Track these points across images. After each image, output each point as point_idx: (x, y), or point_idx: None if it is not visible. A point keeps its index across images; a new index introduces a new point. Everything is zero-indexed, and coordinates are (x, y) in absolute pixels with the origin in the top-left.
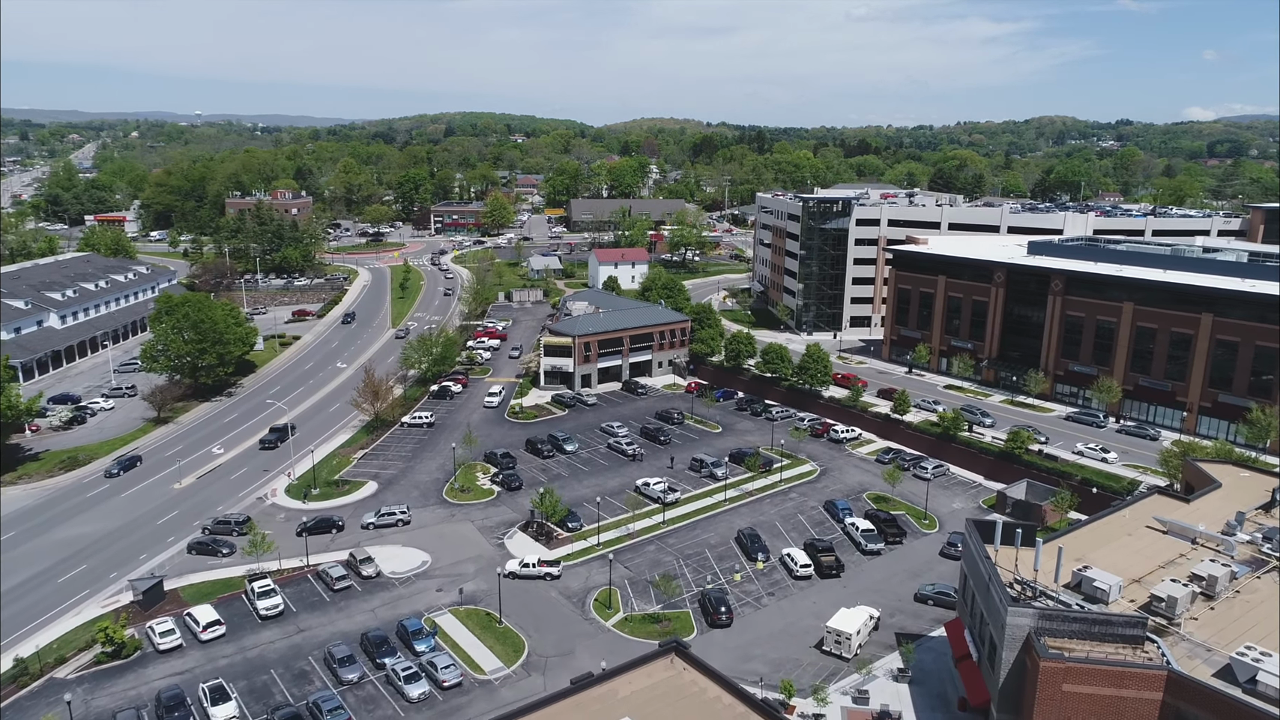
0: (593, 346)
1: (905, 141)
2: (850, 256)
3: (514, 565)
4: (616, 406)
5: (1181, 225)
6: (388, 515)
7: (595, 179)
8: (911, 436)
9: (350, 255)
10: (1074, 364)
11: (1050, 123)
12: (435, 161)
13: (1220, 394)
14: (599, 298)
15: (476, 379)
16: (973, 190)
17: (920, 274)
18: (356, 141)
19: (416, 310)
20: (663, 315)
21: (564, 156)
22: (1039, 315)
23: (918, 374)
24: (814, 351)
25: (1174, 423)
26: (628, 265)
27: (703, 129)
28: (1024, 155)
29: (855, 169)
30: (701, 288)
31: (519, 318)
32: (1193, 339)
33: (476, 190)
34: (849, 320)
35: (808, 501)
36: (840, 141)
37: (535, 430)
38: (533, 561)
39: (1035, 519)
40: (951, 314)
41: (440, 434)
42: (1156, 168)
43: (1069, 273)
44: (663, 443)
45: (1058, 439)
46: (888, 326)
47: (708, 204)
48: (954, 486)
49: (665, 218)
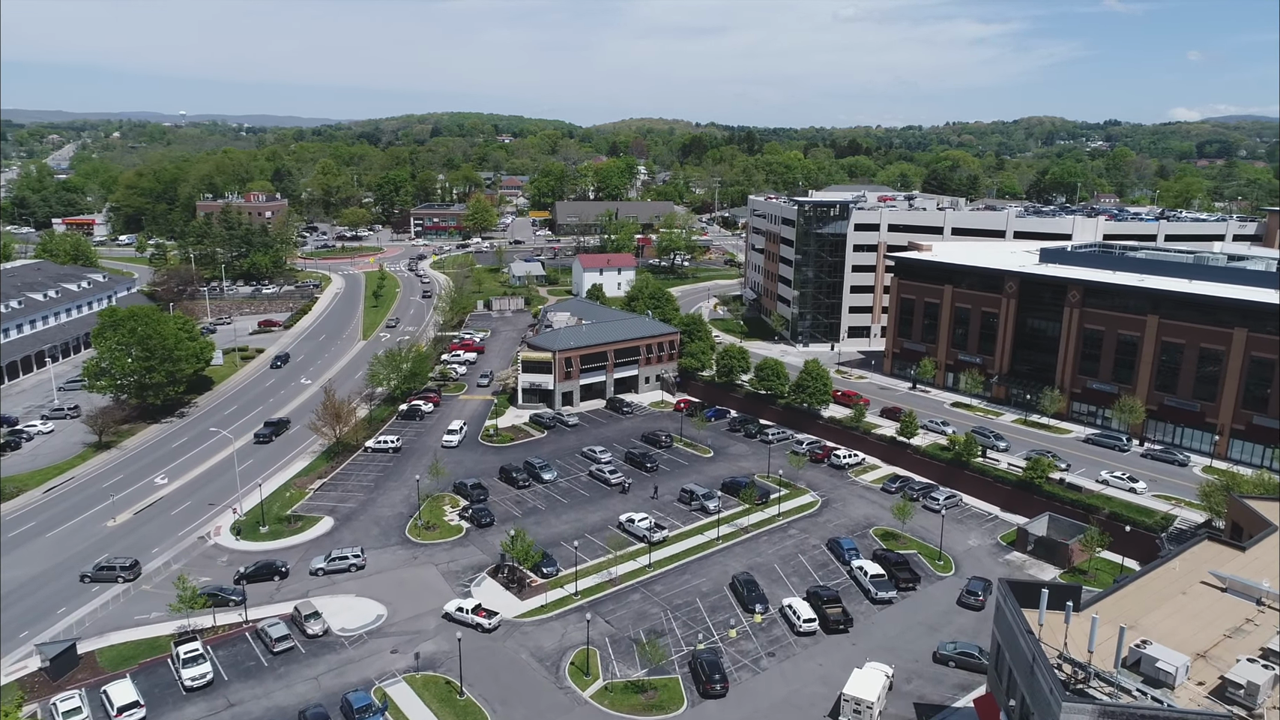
0: (574, 362)
1: (895, 142)
2: (848, 263)
3: (452, 607)
4: (600, 427)
5: (1195, 230)
6: (339, 560)
7: (581, 180)
8: (919, 462)
9: (325, 260)
10: (1092, 381)
11: (1039, 123)
12: (419, 162)
13: (1255, 415)
14: (582, 308)
15: (450, 396)
16: (968, 191)
17: (925, 283)
18: (339, 142)
19: (390, 319)
20: (650, 327)
21: (551, 158)
22: (1054, 328)
23: (922, 390)
24: (813, 369)
25: (1203, 446)
26: (613, 271)
27: (692, 129)
28: (1014, 156)
29: (847, 170)
30: (691, 294)
31: (498, 328)
32: (1224, 355)
33: (459, 192)
34: (847, 331)
35: (809, 539)
36: (830, 142)
37: (511, 455)
38: (469, 607)
39: (1061, 558)
40: (958, 326)
41: (407, 460)
42: (1149, 169)
43: (1087, 283)
44: (649, 469)
45: (1078, 465)
46: (889, 339)
47: (697, 206)
48: (968, 519)
49: (653, 220)
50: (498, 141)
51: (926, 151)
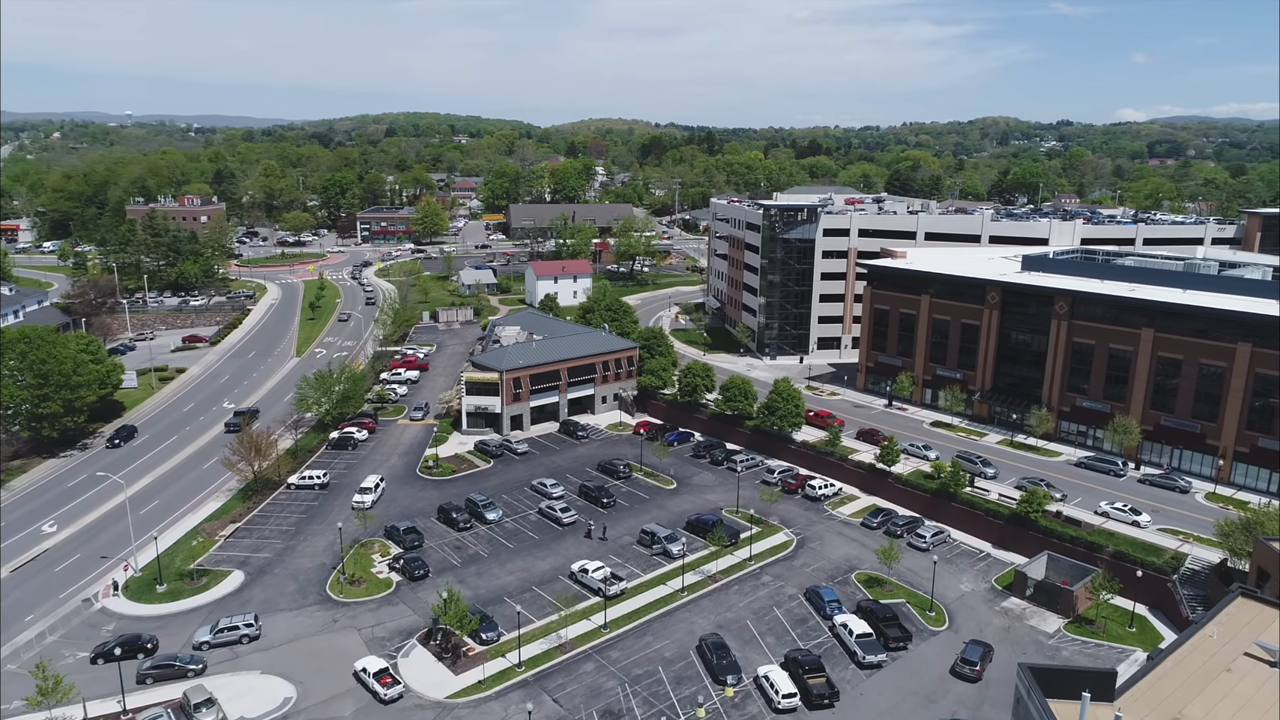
0: (524, 383)
1: (854, 142)
2: (817, 271)
3: (359, 665)
4: (552, 454)
5: (1174, 233)
6: (228, 630)
7: (537, 182)
8: (902, 492)
9: (264, 268)
10: (1082, 399)
11: (994, 123)
12: (370, 163)
13: (1260, 438)
14: (533, 321)
15: (388, 421)
16: (931, 192)
17: (900, 292)
18: (287, 143)
19: (327, 334)
20: (607, 342)
21: (507, 159)
22: (1040, 341)
23: (899, 407)
24: (783, 388)
25: (1204, 469)
26: (569, 279)
27: (652, 129)
28: (971, 155)
29: (808, 170)
30: (652, 303)
31: (445, 342)
32: (1226, 372)
33: (410, 195)
34: (816, 342)
35: (785, 588)
36: (790, 142)
37: (452, 490)
38: (374, 670)
39: (1064, 606)
40: (937, 339)
41: (335, 498)
42: (1106, 168)
43: (1076, 293)
44: (605, 505)
45: (1071, 493)
46: (863, 352)
47: (657, 208)
48: (958, 559)
49: (612, 224)
50: (453, 142)
51: (885, 152)
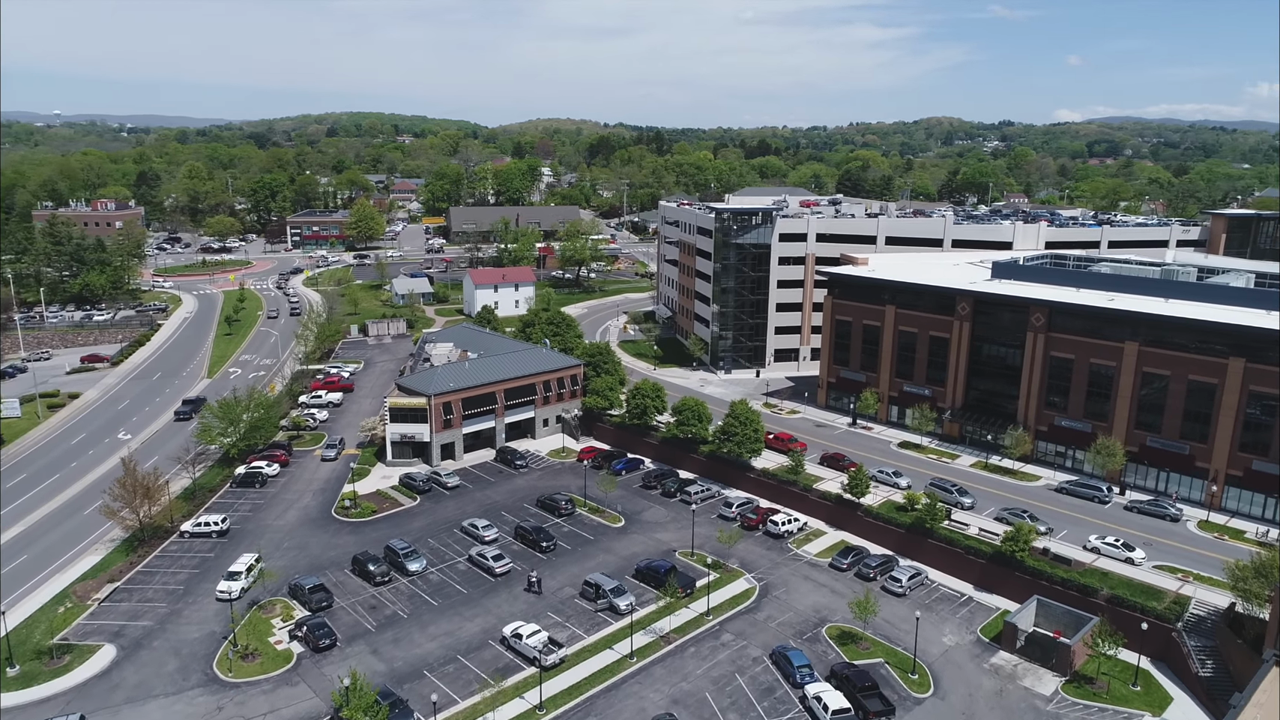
0: (455, 407)
1: (802, 143)
2: (773, 278)
3: None
4: (487, 487)
5: (1138, 235)
6: None
7: (480, 184)
8: (873, 527)
9: (183, 277)
10: (1061, 418)
11: (938, 123)
12: (307, 164)
13: (1255, 460)
14: (468, 336)
15: (304, 451)
16: (882, 192)
17: (863, 303)
18: (219, 144)
19: (245, 351)
20: (548, 360)
21: (451, 159)
22: (1015, 356)
23: (864, 426)
24: (741, 411)
25: (1193, 493)
26: (510, 288)
27: (600, 129)
28: (917, 155)
29: (758, 170)
30: (599, 311)
31: (374, 358)
32: (1218, 390)
33: (345, 197)
34: (773, 354)
35: (748, 649)
36: (740, 142)
37: (372, 534)
38: None
39: (1061, 661)
40: (904, 352)
41: (236, 547)
42: (1050, 168)
43: (1054, 303)
44: (545, 549)
45: (1056, 524)
46: (824, 366)
47: (605, 210)
48: (937, 604)
49: (558, 227)
50: (396, 142)
51: (834, 152)
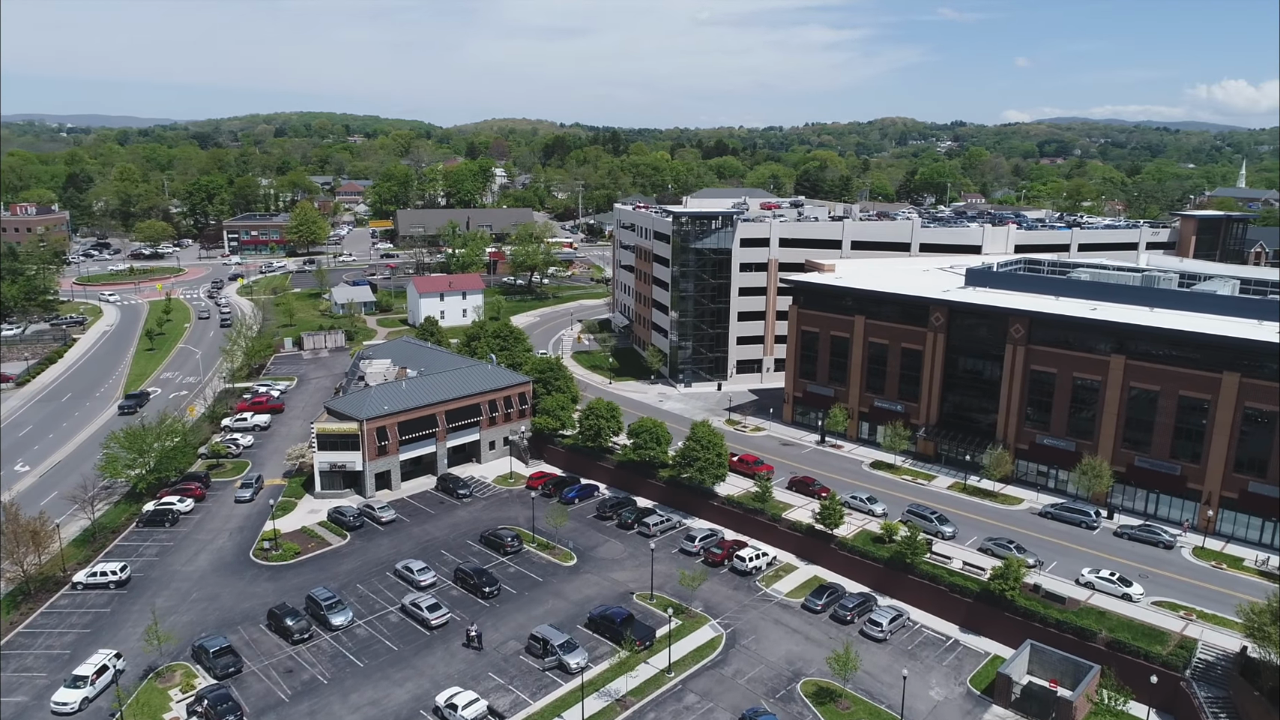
0: (391, 432)
1: (758, 143)
2: (734, 285)
3: None
4: (425, 522)
5: (1108, 238)
6: None
7: (429, 185)
8: (848, 561)
9: (108, 286)
10: (1043, 436)
11: (892, 124)
12: (251, 165)
13: (1251, 481)
14: (407, 351)
15: (225, 482)
16: (841, 193)
17: (831, 313)
18: (156, 144)
19: (166, 369)
20: (494, 377)
21: (402, 160)
22: (993, 369)
23: (833, 445)
24: (703, 435)
25: (1184, 516)
26: (457, 296)
27: (557, 130)
28: (872, 155)
29: (715, 171)
30: (552, 320)
31: (309, 374)
32: (1210, 406)
33: (288, 200)
34: (735, 366)
35: (715, 713)
36: (697, 143)
37: (293, 581)
38: None
39: (1063, 718)
40: (874, 365)
41: (137, 600)
42: (1004, 168)
43: (1034, 314)
44: (487, 595)
45: (1044, 553)
46: (790, 380)
47: (560, 212)
48: (921, 649)
49: (512, 230)
50: (344, 142)
51: (791, 152)
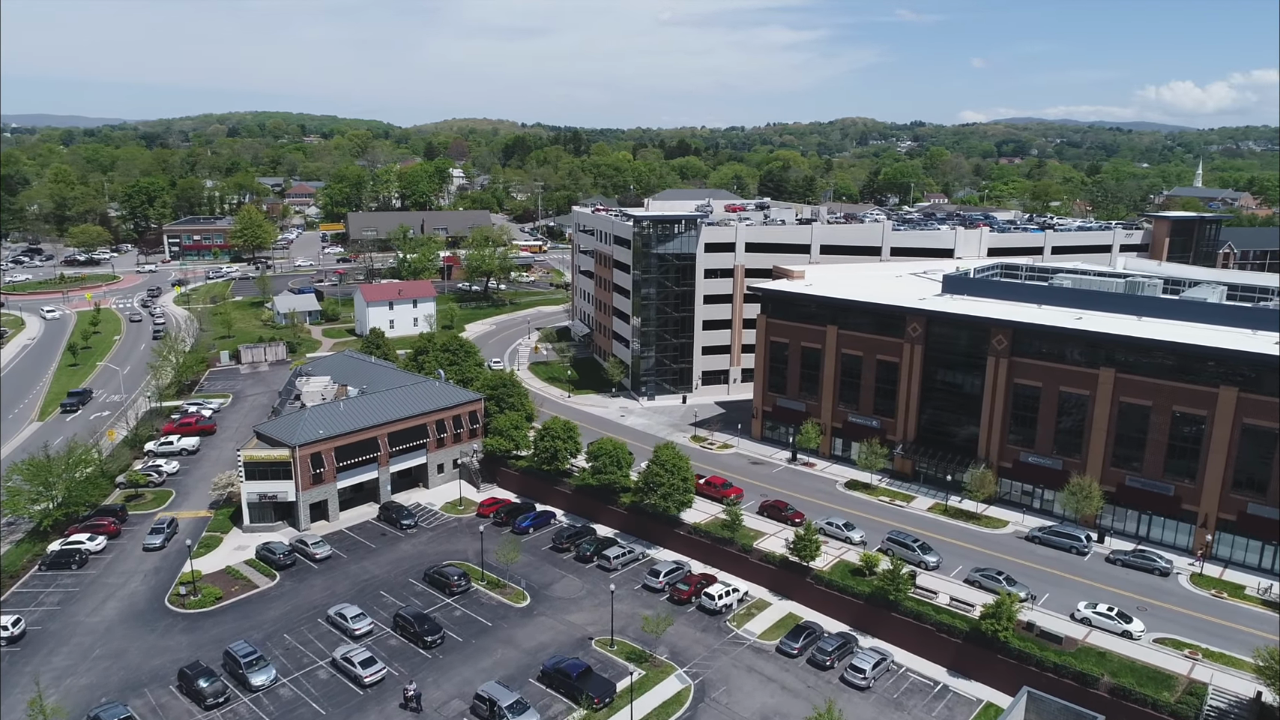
0: (328, 458)
1: (721, 143)
2: (699, 293)
3: None
4: (365, 557)
5: (1082, 240)
6: None
7: (384, 186)
8: (825, 596)
9: (36, 295)
10: (1027, 453)
11: (853, 124)
12: (200, 166)
13: (1250, 502)
14: (349, 368)
15: (144, 514)
16: (805, 193)
17: (801, 323)
18: (101, 144)
19: (89, 386)
20: (442, 395)
21: (358, 161)
22: (974, 383)
23: (805, 463)
24: (666, 457)
25: (1178, 540)
26: (407, 304)
27: (518, 130)
28: (834, 155)
29: (678, 171)
30: (509, 328)
31: (245, 390)
32: (1206, 423)
33: (235, 202)
34: (701, 377)
35: None
36: (659, 143)
37: (212, 631)
38: None
39: None
40: (848, 379)
41: (30, 659)
42: (965, 168)
43: (1018, 324)
44: (430, 644)
45: (1035, 584)
46: (758, 393)
47: (519, 214)
48: (908, 696)
49: (465, 234)
50: (298, 143)
51: (753, 152)
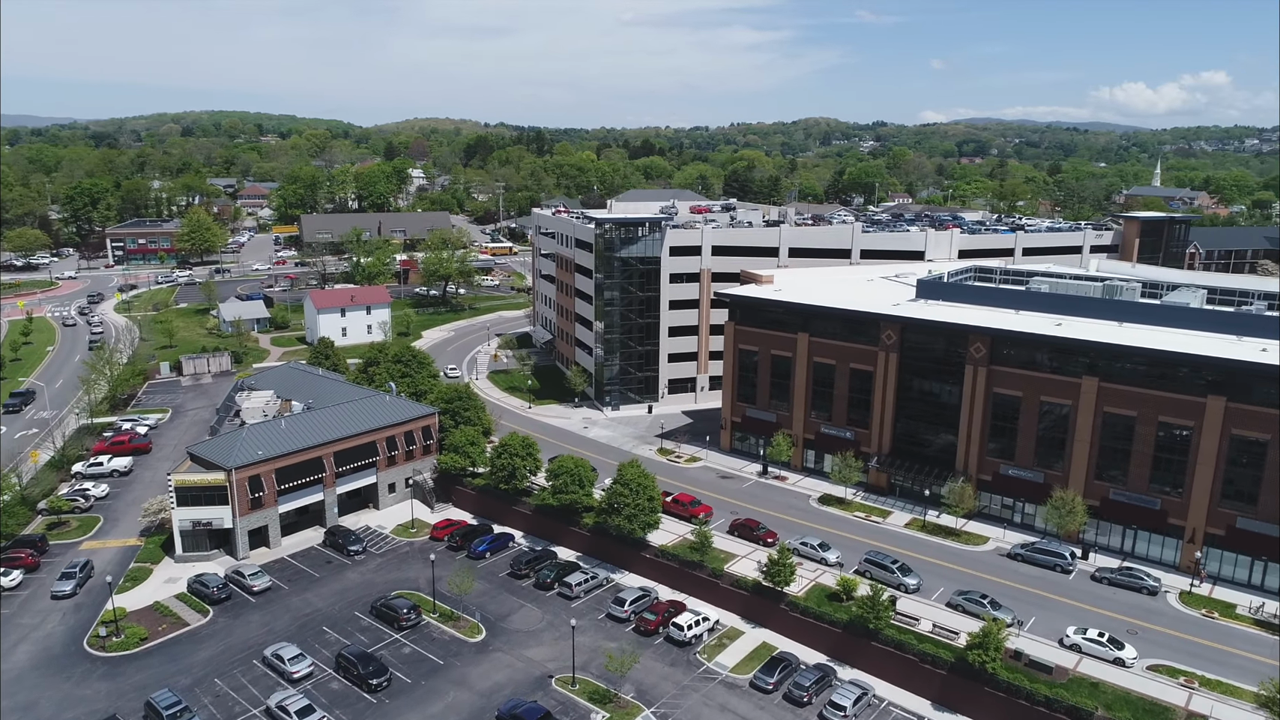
0: (268, 481)
1: (685, 143)
2: (664, 298)
3: None
4: (308, 588)
5: (1053, 242)
6: None
7: (340, 187)
8: (800, 624)
9: None
10: (1007, 466)
11: (816, 124)
12: (151, 167)
13: (1239, 516)
14: (294, 381)
15: (66, 545)
16: (770, 193)
17: (771, 330)
18: (46, 144)
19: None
20: (393, 410)
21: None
22: (952, 393)
23: (776, 476)
24: (631, 478)
25: (1165, 555)
26: (360, 311)
27: (481, 129)
28: (797, 155)
29: (642, 171)
30: (468, 334)
31: (186, 404)
32: (1194, 433)
33: (184, 204)
34: (667, 385)
35: None
36: (624, 143)
37: (134, 677)
38: None
39: None
40: (820, 388)
41: None
42: (928, 167)
43: (997, 331)
44: (375, 687)
45: (1020, 606)
46: (727, 404)
47: (480, 215)
48: None
49: (417, 238)
50: (252, 142)
51: (718, 152)
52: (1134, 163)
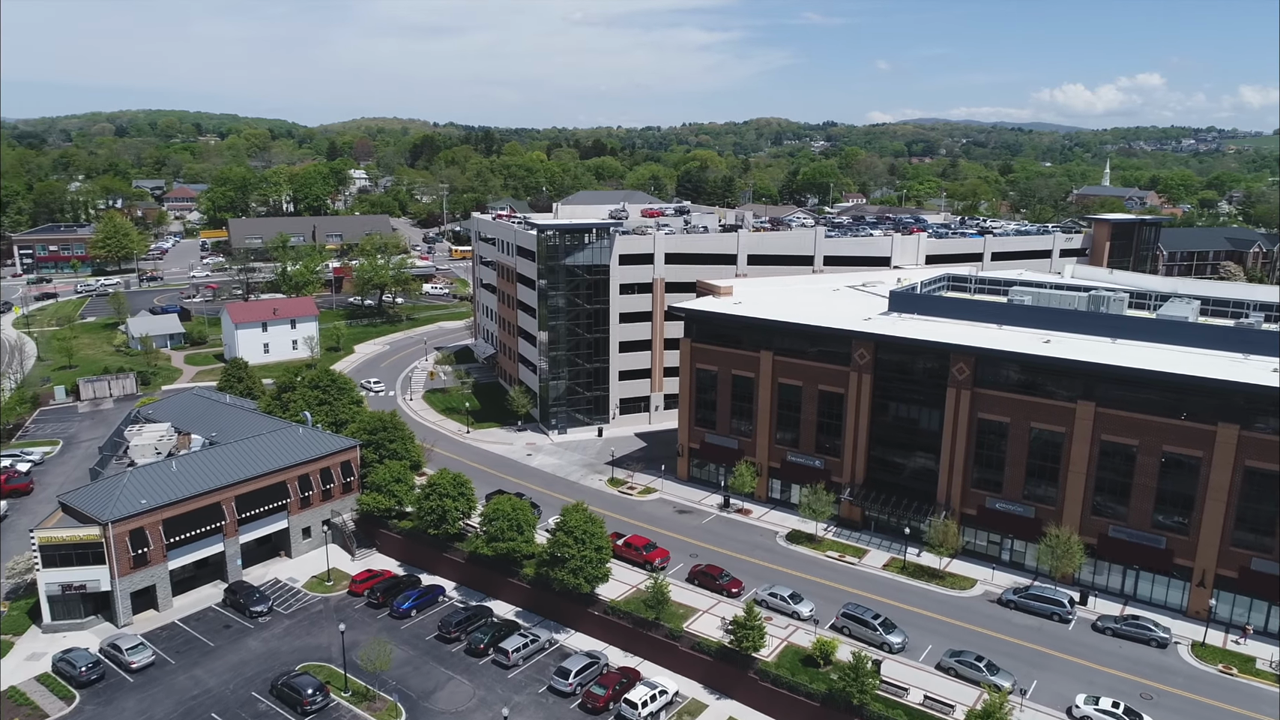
0: (154, 534)
1: (637, 143)
2: (615, 310)
3: None
4: (197, 663)
5: (1022, 245)
6: None
7: (274, 189)
8: (773, 696)
9: None
10: (994, 499)
11: (767, 124)
12: (76, 169)
13: (1254, 557)
14: (196, 410)
15: None
16: (724, 194)
17: (731, 348)
18: None
19: None
20: (309, 444)
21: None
22: (932, 418)
23: (739, 509)
24: (576, 525)
25: (1171, 599)
26: (284, 325)
27: (429, 129)
28: (749, 155)
29: (594, 172)
30: (405, 348)
31: (81, 434)
32: (1203, 465)
33: (100, 208)
34: (618, 405)
35: None
36: (575, 142)
37: None
38: None
39: None
40: (786, 412)
41: None
42: (880, 167)
43: (981, 350)
44: None
45: (1017, 664)
46: (684, 429)
47: (423, 218)
48: None
49: (349, 244)
50: (187, 142)
51: (670, 152)
52: (1079, 162)
